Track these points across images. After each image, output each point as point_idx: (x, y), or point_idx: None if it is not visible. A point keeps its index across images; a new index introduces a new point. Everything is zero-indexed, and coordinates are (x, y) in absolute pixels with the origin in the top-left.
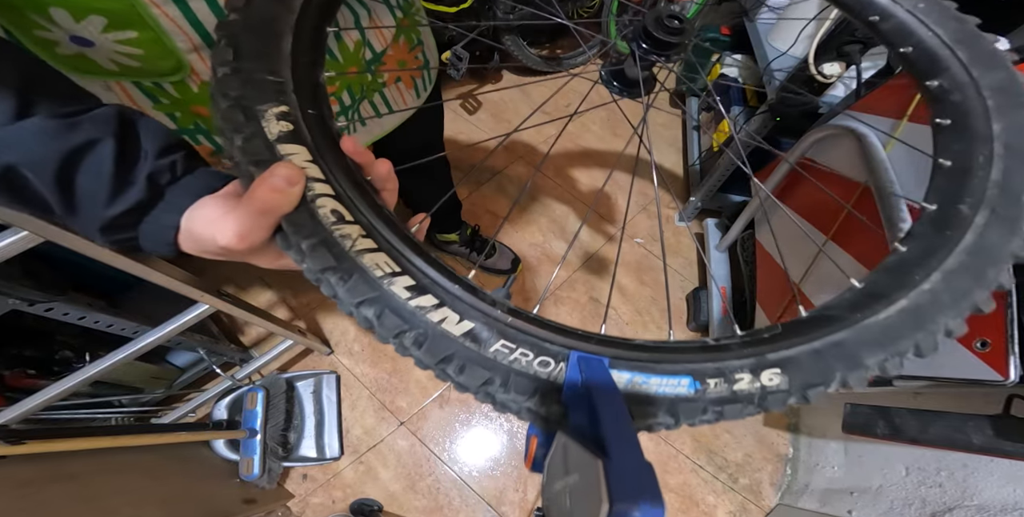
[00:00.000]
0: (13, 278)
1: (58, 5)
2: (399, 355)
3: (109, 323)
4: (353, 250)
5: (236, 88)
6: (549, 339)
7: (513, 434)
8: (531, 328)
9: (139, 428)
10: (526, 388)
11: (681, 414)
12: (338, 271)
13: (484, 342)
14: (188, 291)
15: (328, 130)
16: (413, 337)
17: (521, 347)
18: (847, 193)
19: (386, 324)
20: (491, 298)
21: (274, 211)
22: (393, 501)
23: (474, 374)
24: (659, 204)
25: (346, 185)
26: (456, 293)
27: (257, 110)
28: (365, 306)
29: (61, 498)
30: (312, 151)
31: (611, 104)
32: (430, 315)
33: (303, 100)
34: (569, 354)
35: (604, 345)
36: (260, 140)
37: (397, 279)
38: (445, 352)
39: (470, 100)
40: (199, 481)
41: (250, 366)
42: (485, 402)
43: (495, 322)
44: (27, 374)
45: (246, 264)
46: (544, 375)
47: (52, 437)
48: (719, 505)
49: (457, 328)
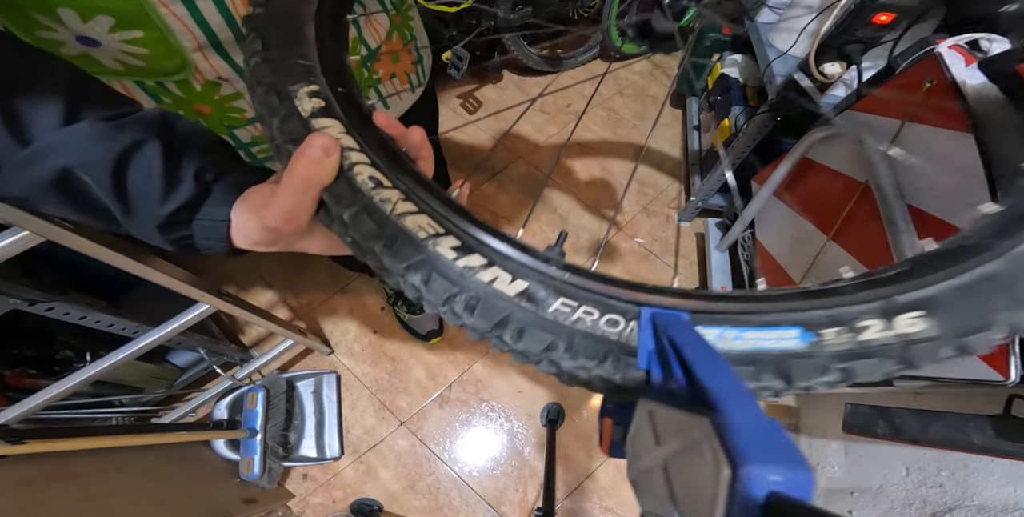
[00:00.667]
0: (14, 278)
1: (66, 5)
2: (451, 325)
3: (110, 323)
4: (394, 214)
5: (268, 74)
6: (615, 295)
7: (513, 434)
8: (593, 284)
9: (139, 428)
10: (595, 351)
11: (793, 374)
12: (381, 237)
13: (541, 302)
14: (188, 291)
15: (359, 106)
16: (464, 300)
17: (584, 305)
18: (848, 192)
19: (435, 288)
20: (544, 255)
21: (315, 184)
22: (393, 501)
23: (534, 338)
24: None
25: (382, 154)
26: (505, 252)
27: (289, 91)
28: (412, 271)
29: (61, 498)
30: (345, 124)
31: (611, 106)
32: (480, 275)
33: (332, 80)
34: (639, 311)
35: (681, 298)
36: (295, 119)
37: (442, 240)
38: (500, 314)
39: (470, 100)
40: (199, 481)
41: (250, 366)
42: (550, 372)
43: (551, 279)
44: (28, 374)
45: (245, 263)
46: (614, 336)
47: (53, 437)
48: None
49: (510, 288)
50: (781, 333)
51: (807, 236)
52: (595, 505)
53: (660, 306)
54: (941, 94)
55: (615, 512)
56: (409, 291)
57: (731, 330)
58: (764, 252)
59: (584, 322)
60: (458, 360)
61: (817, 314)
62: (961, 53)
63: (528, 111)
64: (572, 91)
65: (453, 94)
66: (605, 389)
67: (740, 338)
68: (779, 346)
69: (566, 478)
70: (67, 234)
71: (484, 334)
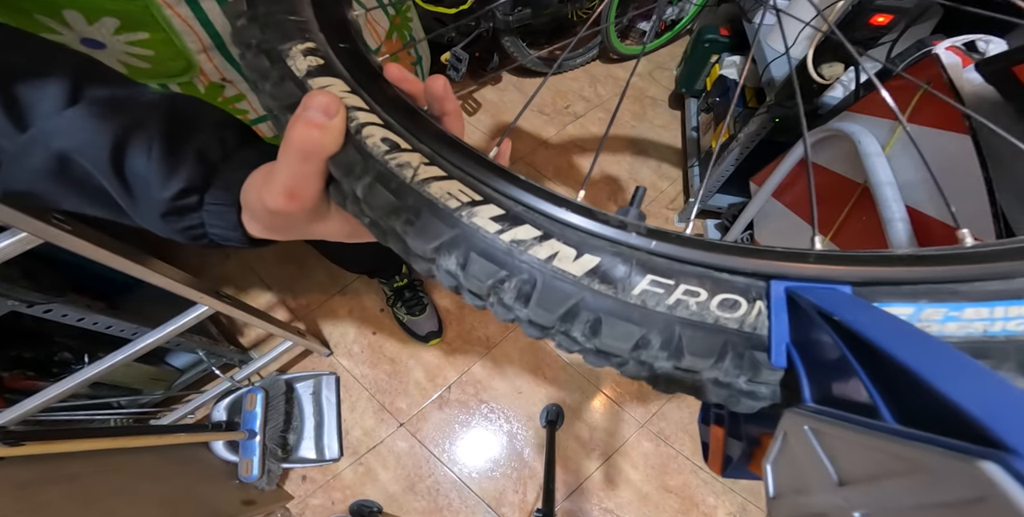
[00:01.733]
0: (12, 279)
1: (72, 7)
2: (502, 321)
3: (108, 324)
4: (416, 180)
5: (256, 34)
6: (729, 266)
7: (513, 435)
8: (694, 253)
9: (138, 429)
10: (706, 346)
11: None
12: (402, 211)
13: (622, 281)
14: (187, 292)
15: (366, 62)
16: (516, 286)
17: (684, 283)
18: (847, 193)
19: (475, 272)
20: (617, 219)
21: (317, 152)
22: (393, 502)
23: (616, 332)
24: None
25: (397, 113)
26: (565, 219)
27: (281, 50)
28: (444, 252)
29: (60, 499)
30: (349, 82)
31: (610, 106)
32: (534, 251)
33: (331, 36)
34: (769, 286)
35: (835, 263)
36: (290, 80)
37: (479, 208)
38: (565, 302)
39: (469, 101)
40: (198, 482)
41: (249, 367)
42: (641, 376)
43: (632, 250)
44: (26, 375)
45: (243, 264)
46: (732, 323)
47: (51, 438)
48: (719, 506)
49: (576, 266)
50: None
51: (806, 237)
52: (595, 506)
53: (801, 278)
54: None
55: (615, 513)
56: (444, 280)
57: (934, 307)
58: None
59: (687, 306)
60: (457, 361)
61: None
62: (959, 54)
63: (528, 112)
64: (570, 92)
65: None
66: (723, 397)
67: (953, 319)
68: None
69: (566, 479)
70: (65, 236)
71: (546, 331)
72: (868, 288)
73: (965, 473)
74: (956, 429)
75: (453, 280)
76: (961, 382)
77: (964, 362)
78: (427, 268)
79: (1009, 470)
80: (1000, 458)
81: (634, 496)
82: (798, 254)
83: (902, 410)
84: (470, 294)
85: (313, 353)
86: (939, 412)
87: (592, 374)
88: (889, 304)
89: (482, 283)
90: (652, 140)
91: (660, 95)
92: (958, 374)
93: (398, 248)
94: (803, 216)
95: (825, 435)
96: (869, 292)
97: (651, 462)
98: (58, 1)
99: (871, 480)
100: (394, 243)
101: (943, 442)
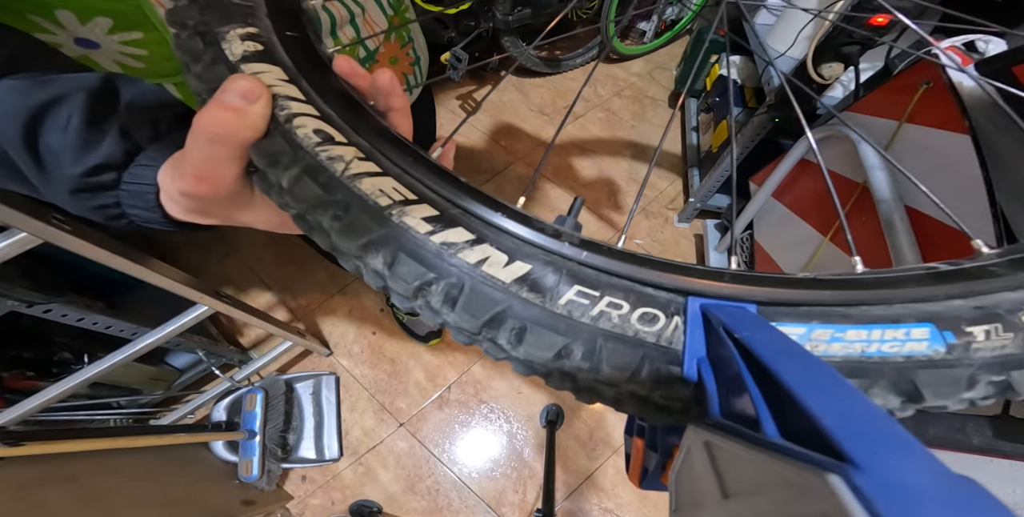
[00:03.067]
0: (12, 279)
1: (65, 7)
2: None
3: (108, 324)
4: (347, 175)
5: (194, 15)
6: (651, 280)
7: (513, 435)
8: (620, 266)
9: (138, 429)
10: (625, 359)
11: (925, 390)
12: (329, 206)
13: (550, 290)
14: (187, 292)
15: (313, 51)
16: (443, 289)
17: (608, 295)
18: (846, 193)
19: (402, 273)
20: (552, 228)
21: (229, 136)
22: (392, 502)
23: (540, 341)
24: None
25: (337, 106)
26: (500, 224)
27: (217, 33)
28: (372, 251)
29: (59, 499)
30: (289, 71)
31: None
32: (464, 255)
33: (280, 23)
34: (686, 302)
35: (746, 284)
36: (221, 64)
37: (411, 208)
38: (491, 308)
39: (469, 101)
40: (198, 482)
41: (249, 367)
42: (564, 387)
43: (563, 260)
44: (26, 375)
45: (243, 264)
46: (650, 337)
47: (51, 439)
48: None
49: (506, 272)
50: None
51: (805, 237)
52: (594, 506)
53: (715, 296)
54: (938, 95)
55: (614, 513)
56: (371, 279)
57: (823, 328)
58: (763, 253)
59: (610, 318)
60: (457, 361)
61: (957, 306)
62: (958, 54)
63: (528, 112)
64: (570, 92)
65: (452, 95)
66: (639, 410)
67: (838, 340)
68: (902, 351)
69: (565, 479)
70: (65, 236)
71: (472, 336)
72: (770, 308)
73: (817, 486)
74: (820, 444)
75: (380, 280)
76: (825, 398)
77: (833, 380)
78: (354, 266)
79: (848, 483)
80: (843, 471)
81: (634, 496)
82: (715, 272)
83: (785, 426)
84: (396, 294)
85: (313, 353)
86: (808, 428)
87: None
88: (785, 323)
89: (408, 285)
90: (651, 140)
91: (660, 95)
92: (825, 391)
93: (325, 244)
94: (803, 216)
95: (718, 448)
96: (770, 312)
97: None
98: (51, 1)
99: (750, 494)
100: (320, 238)
101: (805, 456)
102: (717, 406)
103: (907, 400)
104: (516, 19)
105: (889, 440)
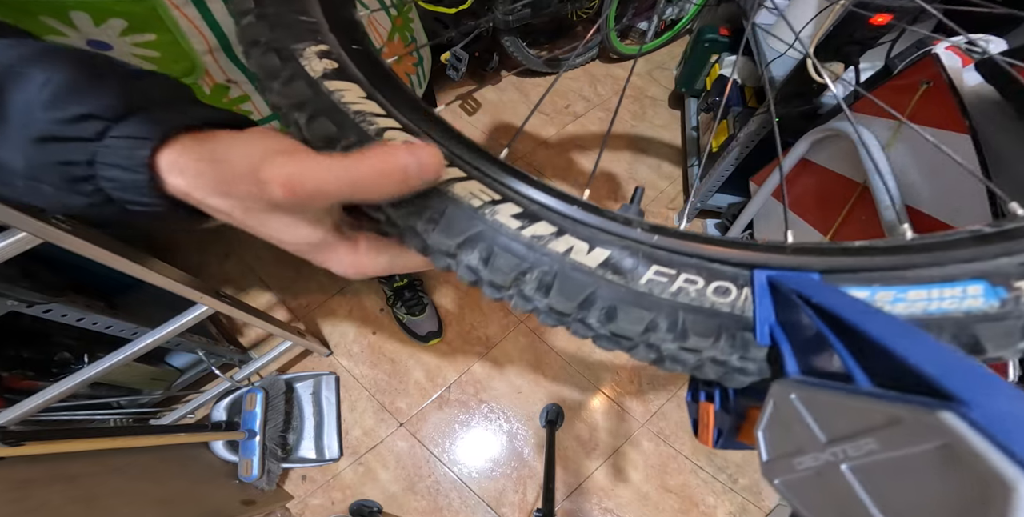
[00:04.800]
0: (12, 279)
1: (79, 9)
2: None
3: (108, 324)
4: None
5: (265, 32)
6: (719, 257)
7: (512, 435)
8: (689, 246)
9: (138, 429)
10: (705, 328)
11: (986, 343)
12: (425, 210)
13: (630, 272)
14: (187, 292)
15: (379, 65)
16: (537, 277)
17: (684, 272)
18: (847, 193)
19: (499, 266)
20: (623, 217)
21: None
22: (393, 502)
23: (629, 317)
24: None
25: (413, 116)
26: (576, 216)
27: (292, 50)
28: (468, 247)
29: (59, 499)
30: (365, 86)
31: (610, 106)
32: (552, 245)
33: (344, 38)
34: (752, 274)
35: (807, 255)
36: (302, 80)
37: (500, 207)
38: (583, 291)
39: (469, 101)
40: (198, 482)
41: (249, 367)
42: (649, 359)
43: (637, 244)
44: (26, 375)
45: (243, 264)
46: (726, 307)
47: (51, 438)
48: (719, 506)
49: (590, 258)
50: (960, 289)
51: (805, 237)
52: (595, 506)
53: (780, 267)
54: (938, 95)
55: (615, 513)
56: (464, 274)
57: (886, 290)
58: None
59: (687, 293)
60: (457, 361)
61: (1005, 263)
62: (958, 54)
63: (527, 112)
64: (570, 92)
65: (452, 95)
66: (719, 373)
67: (901, 300)
68: (959, 306)
69: (565, 479)
70: (65, 236)
71: (564, 319)
72: (831, 275)
73: (929, 423)
74: (918, 388)
75: (473, 274)
76: (916, 348)
77: (915, 332)
78: (444, 264)
79: (964, 418)
80: (955, 408)
81: (634, 496)
82: (776, 247)
83: (872, 376)
84: (490, 286)
85: (313, 353)
86: (903, 375)
87: (592, 374)
88: (849, 288)
89: (506, 275)
90: (652, 140)
91: (660, 95)
92: (913, 342)
93: (415, 245)
94: (802, 216)
95: (810, 401)
96: (833, 278)
97: (651, 462)
98: (65, 2)
99: (854, 436)
100: (411, 241)
101: (910, 399)
102: (795, 364)
103: (969, 353)
104: (516, 19)
105: (984, 379)
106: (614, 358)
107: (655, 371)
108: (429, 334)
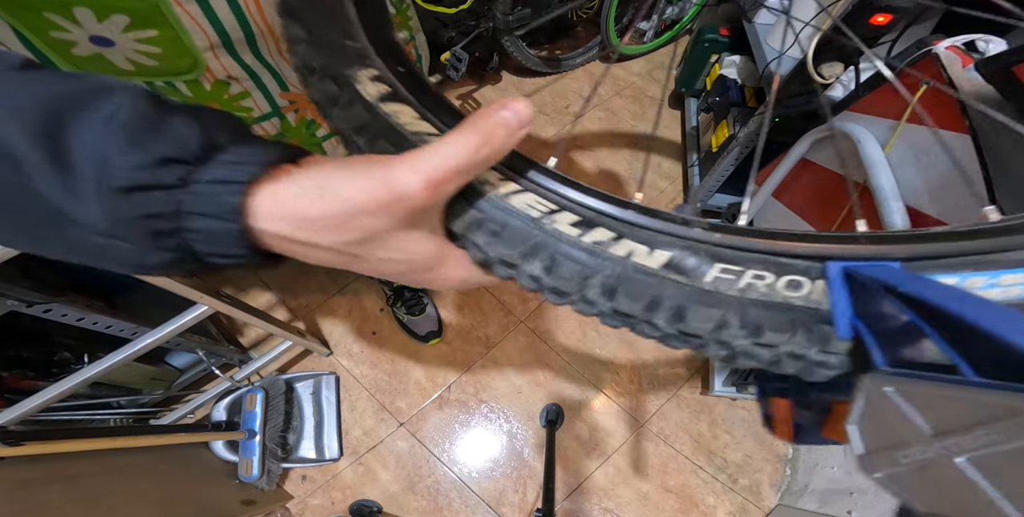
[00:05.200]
0: (12, 279)
1: (83, 5)
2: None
3: (108, 324)
4: (496, 195)
5: (318, 59)
6: (787, 251)
7: (512, 435)
8: (753, 242)
9: (138, 429)
10: (779, 323)
11: None
12: (485, 223)
13: (694, 271)
14: (187, 292)
15: (425, 84)
16: (601, 282)
17: (751, 268)
18: (847, 193)
19: (562, 273)
20: (680, 218)
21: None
22: (393, 502)
23: (697, 316)
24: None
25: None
26: (632, 220)
27: (347, 75)
28: (530, 256)
29: (59, 499)
30: (416, 107)
31: (610, 106)
32: (613, 250)
33: (390, 61)
34: (825, 266)
35: (883, 243)
36: (359, 105)
37: (557, 216)
38: (649, 293)
39: (469, 101)
40: (198, 482)
41: (249, 367)
42: (720, 356)
43: (698, 243)
44: (26, 375)
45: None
46: (799, 301)
47: (51, 438)
48: (719, 505)
49: (652, 260)
50: None
51: None
52: (595, 506)
53: (854, 258)
54: (938, 95)
55: (615, 513)
56: (526, 282)
57: (977, 276)
58: None
59: (757, 288)
60: (457, 361)
61: None
62: (958, 54)
63: None
64: (570, 92)
65: (452, 95)
66: (798, 368)
67: (993, 286)
68: None
69: (565, 479)
70: None
71: (630, 320)
72: (911, 263)
73: None
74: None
75: (536, 282)
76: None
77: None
78: (506, 274)
79: None
80: None
81: (634, 496)
82: (848, 236)
83: (976, 365)
84: (555, 292)
85: (313, 353)
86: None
87: (592, 374)
88: (937, 275)
89: (569, 282)
90: (652, 140)
91: (660, 95)
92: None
93: (478, 256)
94: (803, 216)
95: (909, 394)
96: (915, 266)
97: (651, 462)
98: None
99: (967, 429)
100: (474, 251)
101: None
102: (881, 357)
103: None
104: (516, 19)
105: None
106: (614, 358)
107: (655, 371)
108: (429, 334)
